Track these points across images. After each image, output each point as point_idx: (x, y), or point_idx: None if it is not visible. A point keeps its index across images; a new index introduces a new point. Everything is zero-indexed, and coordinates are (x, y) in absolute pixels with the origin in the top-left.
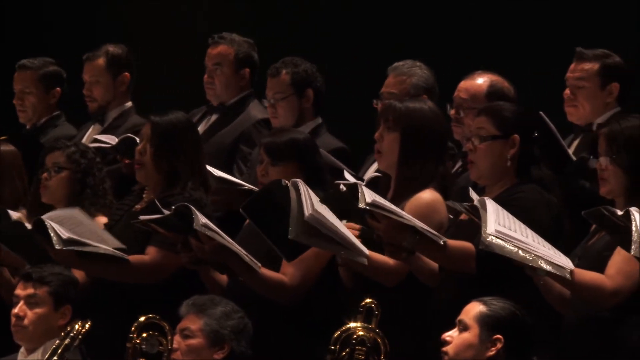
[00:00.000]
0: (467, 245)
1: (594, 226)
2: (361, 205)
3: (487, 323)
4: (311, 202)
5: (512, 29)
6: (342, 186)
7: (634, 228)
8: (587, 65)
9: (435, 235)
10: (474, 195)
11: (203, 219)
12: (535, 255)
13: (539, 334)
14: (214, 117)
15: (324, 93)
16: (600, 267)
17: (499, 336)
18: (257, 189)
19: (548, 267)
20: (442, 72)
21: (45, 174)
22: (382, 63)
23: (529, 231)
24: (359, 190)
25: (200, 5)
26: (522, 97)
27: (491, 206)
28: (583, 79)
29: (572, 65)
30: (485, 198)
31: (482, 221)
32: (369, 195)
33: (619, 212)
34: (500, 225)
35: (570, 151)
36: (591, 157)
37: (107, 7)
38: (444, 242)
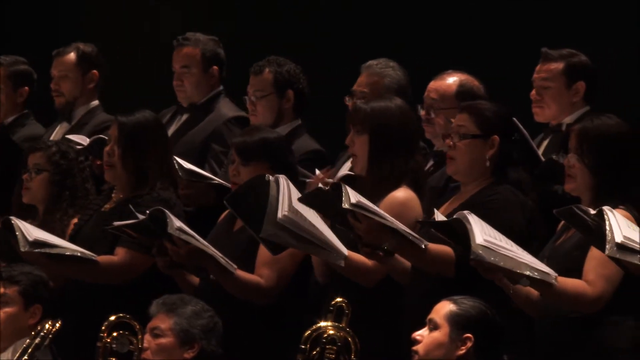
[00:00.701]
0: (447, 249)
1: (560, 225)
2: (345, 205)
3: (457, 322)
4: (289, 202)
5: (482, 28)
6: (324, 185)
7: (607, 227)
8: (552, 65)
9: (417, 238)
10: (440, 216)
11: (178, 223)
12: (522, 262)
13: (510, 333)
14: (184, 117)
15: (307, 95)
16: (569, 268)
17: (469, 335)
18: (226, 183)
19: (535, 275)
20: (412, 72)
21: (26, 175)
22: (358, 63)
23: (509, 239)
24: (343, 190)
25: (169, 3)
26: (493, 96)
27: (473, 218)
28: (548, 79)
29: (538, 66)
30: (465, 212)
31: (470, 233)
32: (353, 196)
33: (592, 211)
34: (487, 235)
35: (540, 152)
36: (561, 153)
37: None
38: (425, 245)
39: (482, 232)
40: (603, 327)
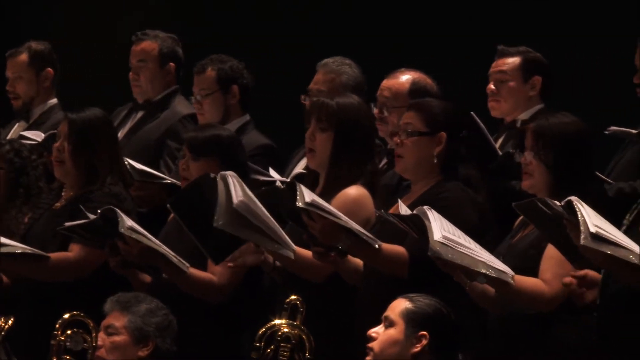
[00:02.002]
0: (400, 250)
1: (517, 223)
2: (300, 204)
3: (412, 319)
4: (242, 192)
5: (436, 26)
6: (279, 183)
7: (580, 218)
8: (510, 60)
9: (371, 238)
10: (403, 207)
11: (129, 222)
12: (479, 260)
13: (465, 331)
14: (140, 114)
15: (252, 90)
16: (525, 266)
17: (424, 333)
18: (179, 183)
19: (492, 273)
20: (366, 71)
21: None
22: (309, 59)
23: (468, 237)
24: (298, 189)
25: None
26: (447, 95)
27: (432, 214)
28: (506, 72)
29: (495, 62)
30: (425, 207)
31: (428, 229)
32: (308, 195)
33: (559, 204)
34: (445, 232)
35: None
36: (517, 151)
37: (31, 5)
38: (379, 246)
39: (440, 229)
40: (557, 325)
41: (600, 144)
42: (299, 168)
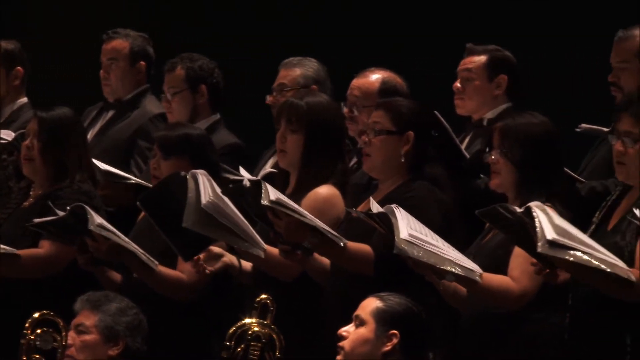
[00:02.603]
0: (366, 248)
1: (488, 223)
2: (265, 202)
3: (383, 318)
4: (211, 191)
5: (405, 25)
6: (246, 182)
7: (537, 224)
8: (476, 58)
9: (336, 236)
10: (374, 205)
11: (98, 219)
12: (447, 259)
13: (435, 330)
14: (110, 113)
15: (222, 89)
16: (495, 265)
17: (394, 331)
18: (144, 182)
19: (459, 271)
20: (335, 70)
21: None
22: (277, 60)
23: (437, 235)
24: (263, 188)
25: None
26: (416, 94)
27: (400, 212)
28: (471, 71)
29: (463, 60)
30: (393, 205)
31: (394, 227)
32: (272, 193)
33: (519, 210)
34: (412, 230)
35: (463, 146)
36: (487, 150)
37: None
38: (344, 244)
39: (407, 227)
40: (527, 324)
41: (573, 142)
42: (269, 167)
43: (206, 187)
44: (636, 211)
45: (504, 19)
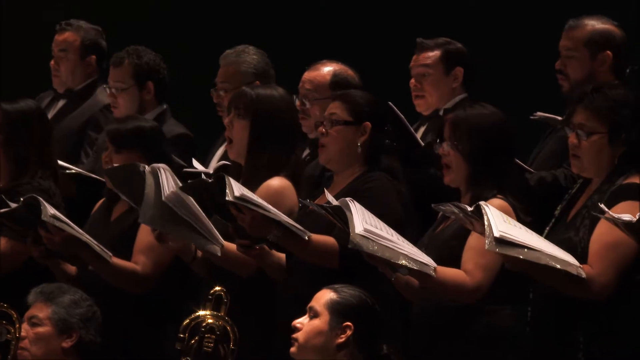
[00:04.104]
0: (330, 240)
1: (440, 214)
2: (229, 198)
3: (337, 310)
4: (174, 184)
5: (357, 18)
6: (204, 176)
7: (486, 222)
8: (430, 53)
9: (301, 230)
10: (330, 197)
11: (52, 210)
12: (401, 253)
13: (391, 322)
14: (61, 103)
15: (168, 83)
16: (447, 257)
17: (348, 323)
18: (85, 172)
19: (413, 265)
20: (288, 63)
21: None
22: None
23: (391, 229)
24: (227, 183)
25: None
26: (370, 86)
27: (355, 206)
28: (427, 66)
29: (415, 56)
30: (347, 199)
31: (349, 221)
32: (237, 189)
33: (469, 208)
34: (367, 224)
35: (418, 137)
36: (437, 141)
37: None
38: (309, 237)
39: (362, 221)
40: (481, 316)
41: (528, 131)
42: (217, 158)
43: (169, 181)
44: (602, 206)
45: (453, 9)
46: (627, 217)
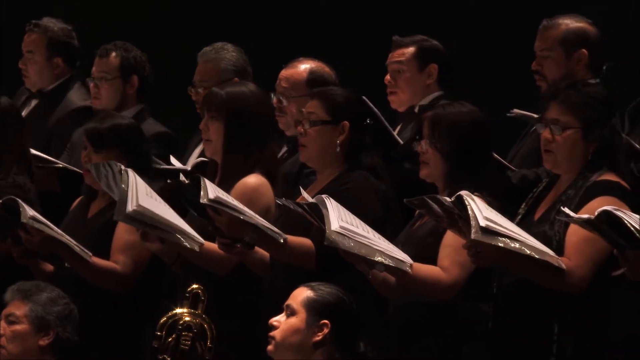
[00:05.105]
0: (306, 242)
1: (417, 211)
2: (204, 200)
3: (314, 308)
4: (136, 197)
5: (334, 16)
6: (183, 177)
7: (470, 212)
8: (405, 50)
9: (276, 233)
10: (306, 195)
11: (31, 212)
12: (377, 250)
13: (367, 319)
14: (34, 103)
15: (151, 83)
16: (423, 254)
17: (325, 321)
18: (71, 167)
19: (389, 262)
20: (264, 61)
21: None
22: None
23: (367, 226)
24: (202, 185)
25: None
26: (347, 84)
27: (330, 203)
28: (401, 62)
29: (391, 53)
30: (323, 196)
31: (325, 218)
32: (212, 191)
33: (449, 199)
34: (343, 222)
35: (394, 133)
36: (417, 138)
37: None
38: (284, 240)
39: (338, 218)
40: (456, 312)
41: (505, 129)
42: (195, 155)
43: (133, 192)
44: (565, 209)
45: (431, 7)
46: (585, 215)
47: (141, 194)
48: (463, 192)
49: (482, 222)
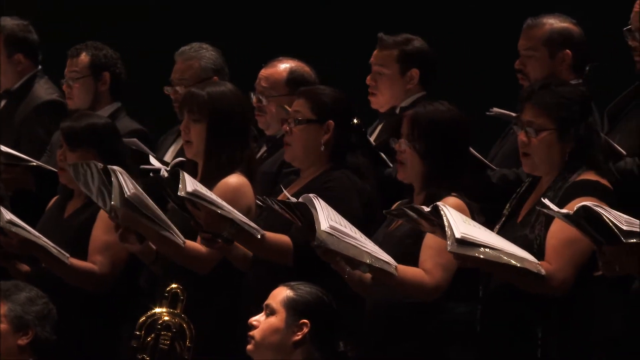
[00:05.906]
0: (284, 239)
1: None
2: (181, 193)
3: (293, 307)
4: (132, 186)
5: (316, 14)
6: (163, 172)
7: (446, 224)
8: (387, 52)
9: (254, 228)
10: (287, 194)
11: (8, 215)
12: (365, 251)
13: (346, 319)
14: (3, 103)
15: (124, 80)
16: (401, 255)
17: (305, 321)
18: (45, 165)
19: (375, 263)
20: (244, 60)
21: None
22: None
23: (354, 227)
24: (181, 178)
25: None
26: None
27: (319, 203)
28: (383, 65)
29: (375, 52)
30: (311, 195)
31: (315, 218)
32: (190, 184)
33: (427, 209)
34: (332, 221)
35: (374, 136)
36: (393, 139)
37: None
38: (262, 235)
39: (327, 218)
40: (435, 313)
41: (485, 128)
42: (170, 154)
43: (127, 183)
44: (545, 200)
45: (413, 5)
46: (565, 210)
47: (133, 184)
48: (439, 203)
49: (458, 234)
